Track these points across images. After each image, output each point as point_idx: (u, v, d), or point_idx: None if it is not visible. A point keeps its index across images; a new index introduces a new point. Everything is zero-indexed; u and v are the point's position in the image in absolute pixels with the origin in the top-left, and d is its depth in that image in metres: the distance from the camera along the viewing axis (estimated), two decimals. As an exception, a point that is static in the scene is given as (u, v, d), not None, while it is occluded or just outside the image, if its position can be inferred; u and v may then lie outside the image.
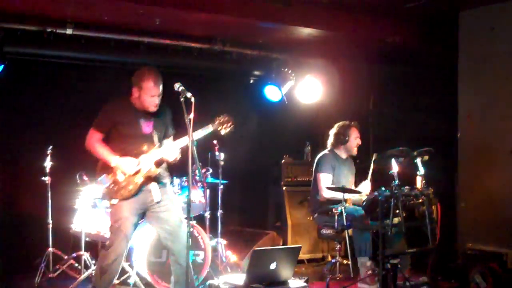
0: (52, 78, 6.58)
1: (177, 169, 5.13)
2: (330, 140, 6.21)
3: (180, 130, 4.66)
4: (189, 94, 4.25)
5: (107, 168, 4.59)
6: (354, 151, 6.19)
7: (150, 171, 4.57)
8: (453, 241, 6.14)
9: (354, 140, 6.13)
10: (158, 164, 4.64)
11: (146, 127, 4.66)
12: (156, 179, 4.66)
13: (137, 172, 4.56)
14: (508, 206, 5.52)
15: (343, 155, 6.18)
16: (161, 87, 4.61)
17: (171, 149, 4.61)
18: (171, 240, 4.65)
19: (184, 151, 4.45)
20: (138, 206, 4.63)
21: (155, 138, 4.65)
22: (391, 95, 7.36)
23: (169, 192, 4.79)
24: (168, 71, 4.76)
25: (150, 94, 4.58)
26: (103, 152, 4.59)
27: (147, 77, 4.60)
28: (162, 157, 4.62)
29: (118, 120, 4.63)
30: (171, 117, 4.87)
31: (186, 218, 4.12)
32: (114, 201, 4.58)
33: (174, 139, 4.77)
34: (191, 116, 4.17)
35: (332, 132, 6.21)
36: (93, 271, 5.41)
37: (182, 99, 4.24)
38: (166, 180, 4.81)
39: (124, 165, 4.53)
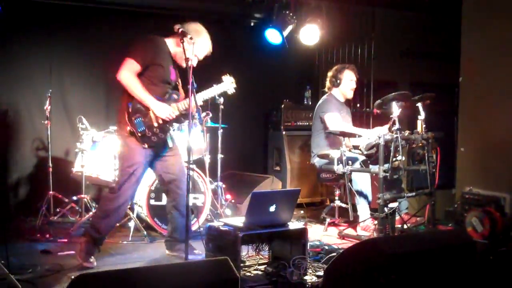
0: (51, 21, 6.43)
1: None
2: (327, 84, 6.15)
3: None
4: (189, 36, 4.20)
5: (142, 110, 4.32)
6: (349, 94, 6.09)
7: (177, 120, 4.48)
8: (452, 185, 6.18)
9: (349, 82, 6.03)
10: (183, 115, 4.47)
11: (174, 74, 4.54)
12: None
13: (169, 120, 4.41)
14: (506, 151, 5.53)
15: (341, 99, 6.12)
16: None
17: (195, 100, 4.20)
18: (174, 185, 4.60)
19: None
20: (153, 153, 4.50)
21: (180, 87, 4.55)
22: (393, 39, 7.26)
23: (175, 139, 4.71)
24: (167, 13, 4.64)
25: (201, 53, 4.48)
26: (141, 89, 4.25)
27: (205, 34, 4.54)
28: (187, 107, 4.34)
29: (156, 60, 4.36)
30: None
31: (186, 162, 4.10)
32: (146, 146, 4.36)
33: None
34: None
35: (328, 75, 6.14)
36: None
37: (181, 41, 4.18)
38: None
39: (162, 111, 4.31)
